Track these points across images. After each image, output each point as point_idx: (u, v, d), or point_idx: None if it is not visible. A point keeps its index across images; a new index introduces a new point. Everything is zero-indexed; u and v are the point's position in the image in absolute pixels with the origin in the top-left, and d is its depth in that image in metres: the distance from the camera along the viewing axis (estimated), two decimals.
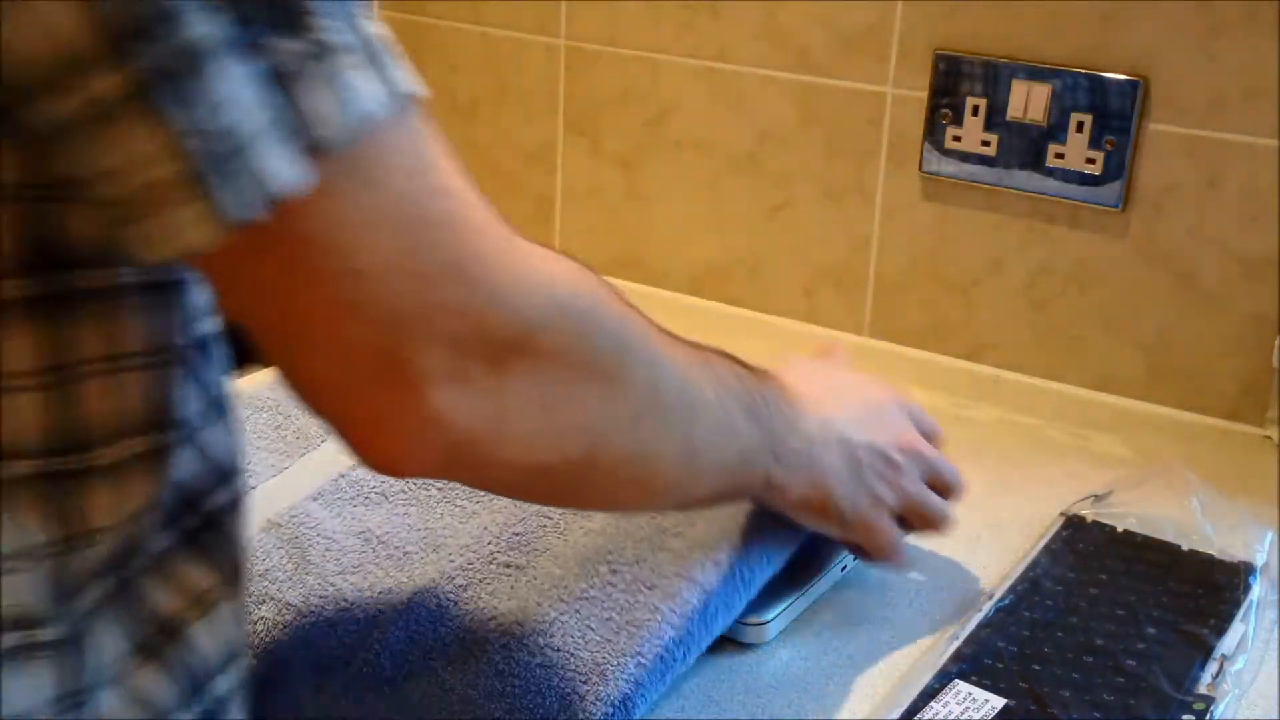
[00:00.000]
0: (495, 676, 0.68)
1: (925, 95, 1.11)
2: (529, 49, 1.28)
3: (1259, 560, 0.84)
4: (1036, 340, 1.13)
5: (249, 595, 0.71)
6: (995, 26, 1.07)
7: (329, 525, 0.79)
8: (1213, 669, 0.74)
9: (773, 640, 0.77)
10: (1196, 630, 0.77)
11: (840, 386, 0.78)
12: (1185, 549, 0.85)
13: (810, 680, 0.74)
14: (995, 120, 1.09)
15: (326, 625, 0.71)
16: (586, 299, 0.55)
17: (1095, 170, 1.06)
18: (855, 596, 0.82)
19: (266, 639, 0.70)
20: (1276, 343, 1.02)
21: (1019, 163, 1.08)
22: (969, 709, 0.70)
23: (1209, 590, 0.81)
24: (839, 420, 0.74)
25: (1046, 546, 0.86)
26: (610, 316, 0.56)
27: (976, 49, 1.08)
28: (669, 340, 0.61)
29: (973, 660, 0.74)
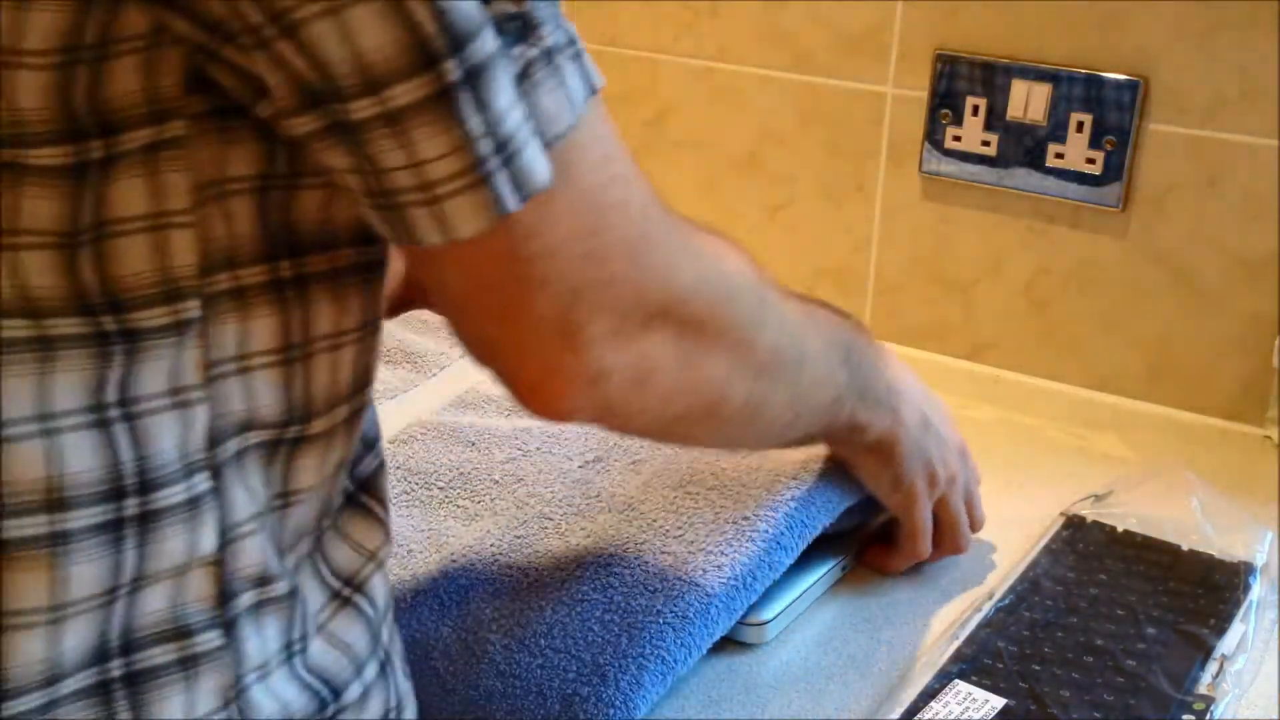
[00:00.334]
0: (496, 677, 0.68)
1: (925, 95, 1.11)
2: None
3: (1259, 560, 0.84)
4: (1036, 340, 1.13)
5: None
6: (995, 26, 1.07)
7: None
8: (1213, 669, 0.74)
9: (772, 640, 0.77)
10: (1196, 630, 0.77)
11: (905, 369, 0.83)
12: (1185, 549, 0.85)
13: (810, 680, 0.74)
14: (995, 120, 1.09)
15: None
16: (728, 271, 0.62)
17: (1095, 170, 1.06)
18: (855, 596, 0.82)
19: None
20: (1276, 343, 1.02)
21: (1019, 163, 1.08)
22: (969, 709, 0.70)
23: (1209, 590, 0.81)
24: (918, 393, 0.80)
25: (1046, 546, 0.86)
26: (746, 286, 0.63)
27: (976, 49, 1.08)
28: (785, 297, 0.67)
29: (973, 660, 0.74)
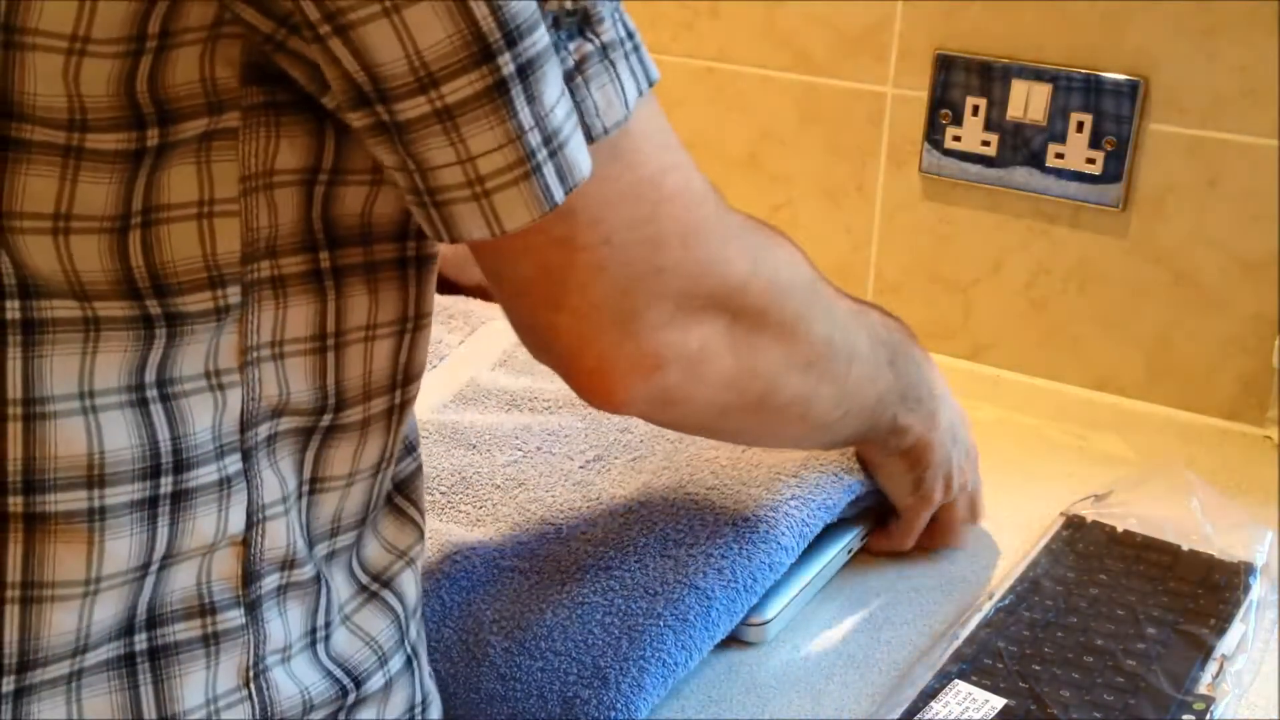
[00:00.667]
0: (497, 680, 0.68)
1: (925, 95, 1.11)
2: None
3: (1259, 560, 0.84)
4: (1036, 340, 1.13)
5: None
6: (995, 26, 1.07)
7: None
8: (1213, 669, 0.74)
9: (772, 640, 0.77)
10: (1196, 630, 0.77)
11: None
12: (1185, 549, 0.85)
13: (810, 680, 0.74)
14: (995, 120, 1.09)
15: None
16: (783, 263, 0.62)
17: (1095, 170, 1.06)
18: (855, 597, 0.82)
19: None
20: (1276, 343, 1.02)
21: (1019, 163, 1.08)
22: (969, 709, 0.70)
23: (1209, 590, 0.81)
24: (951, 401, 0.81)
25: (1046, 546, 0.86)
26: (799, 280, 0.63)
27: (976, 49, 1.08)
28: (838, 295, 0.68)
29: (973, 660, 0.74)
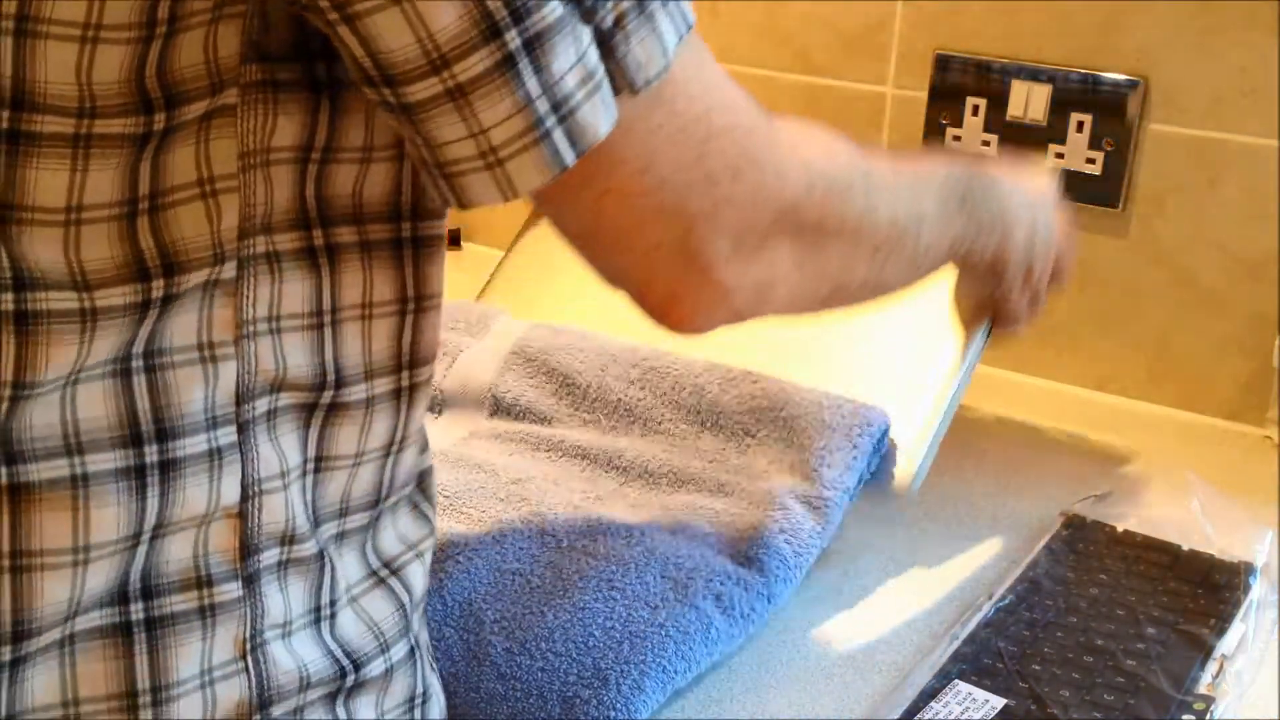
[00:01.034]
0: (497, 680, 0.68)
1: (925, 95, 1.11)
2: None
3: (1259, 560, 0.84)
4: (1037, 340, 1.13)
5: None
6: (995, 26, 1.07)
7: None
8: (1213, 669, 0.74)
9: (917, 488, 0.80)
10: (1196, 630, 0.77)
11: (1028, 177, 0.84)
12: (1185, 549, 0.86)
13: (810, 680, 0.74)
14: (995, 120, 1.09)
15: None
16: (834, 166, 0.62)
17: (1095, 170, 1.06)
18: (856, 596, 0.82)
19: None
20: (1276, 343, 1.02)
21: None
22: (969, 709, 0.70)
23: (1209, 590, 0.81)
24: (1026, 206, 0.80)
25: (1046, 546, 0.86)
26: (853, 175, 0.63)
27: (976, 49, 1.08)
28: (895, 163, 0.69)
29: (973, 660, 0.74)
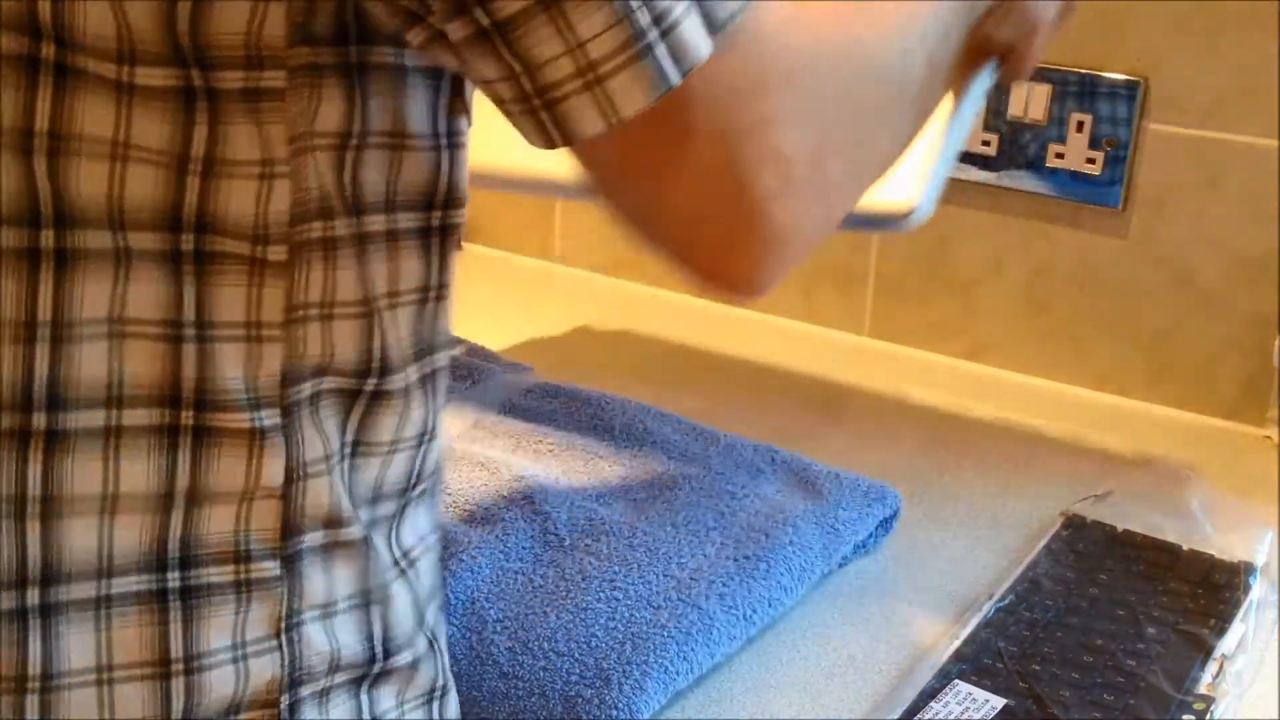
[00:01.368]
0: (499, 679, 0.69)
1: None
2: None
3: (1259, 560, 0.84)
4: (1036, 340, 1.13)
5: None
6: None
7: None
8: (1213, 669, 0.74)
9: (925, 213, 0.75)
10: (1196, 630, 0.77)
11: None
12: (1185, 549, 0.86)
13: (810, 680, 0.74)
14: (995, 120, 1.09)
15: None
16: (859, 57, 0.56)
17: (1095, 170, 1.06)
18: (855, 596, 0.82)
19: None
20: (1276, 343, 1.02)
21: (1019, 163, 1.09)
22: (969, 709, 0.70)
23: (1209, 590, 0.81)
24: None
25: (1046, 546, 0.86)
26: (874, 56, 0.58)
27: None
28: (893, 21, 0.62)
29: (973, 660, 0.74)
